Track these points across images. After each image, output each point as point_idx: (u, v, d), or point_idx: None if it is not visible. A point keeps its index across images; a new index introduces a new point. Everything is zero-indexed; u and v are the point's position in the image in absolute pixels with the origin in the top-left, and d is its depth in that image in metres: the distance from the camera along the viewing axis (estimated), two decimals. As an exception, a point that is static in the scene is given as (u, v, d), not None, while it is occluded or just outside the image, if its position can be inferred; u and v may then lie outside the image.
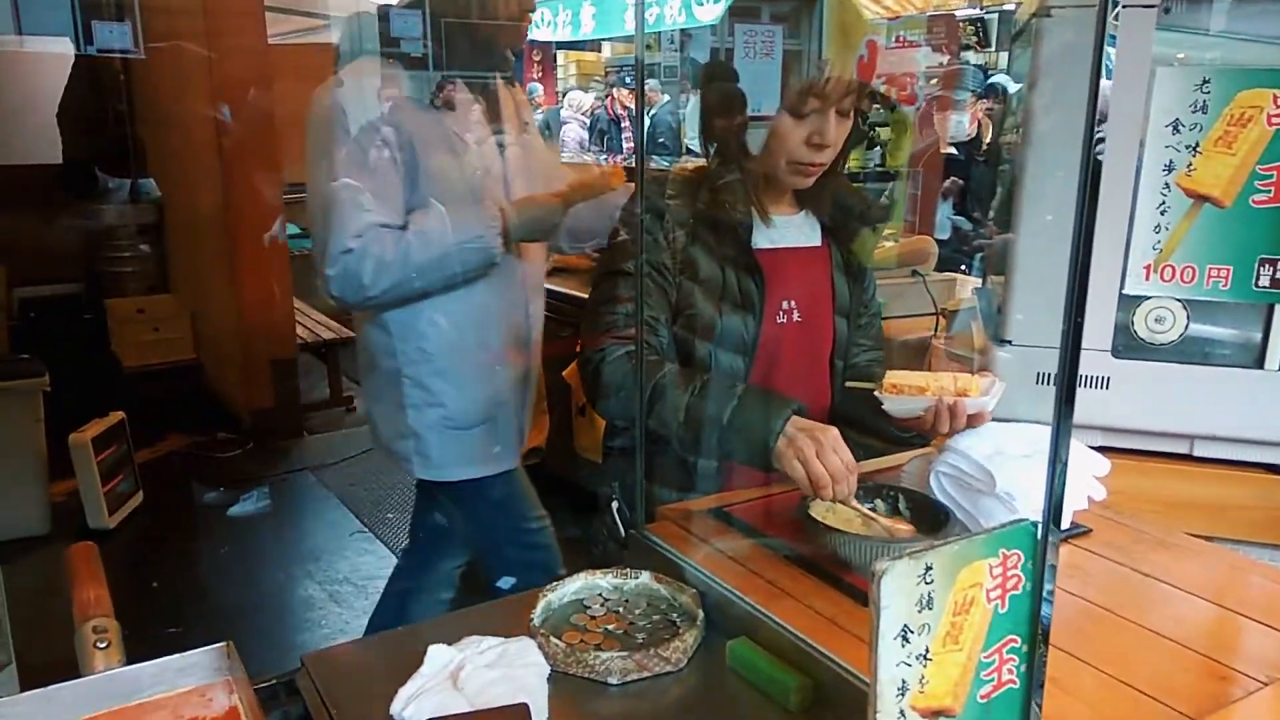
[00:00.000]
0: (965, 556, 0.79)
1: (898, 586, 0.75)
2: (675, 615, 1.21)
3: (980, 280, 2.68)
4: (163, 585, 3.23)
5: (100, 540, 3.50)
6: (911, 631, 0.76)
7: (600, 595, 1.26)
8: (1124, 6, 1.59)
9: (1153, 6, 1.59)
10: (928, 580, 0.76)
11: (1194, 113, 1.63)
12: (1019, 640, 0.83)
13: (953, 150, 5.31)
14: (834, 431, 1.35)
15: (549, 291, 3.57)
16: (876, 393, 1.42)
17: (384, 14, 1.82)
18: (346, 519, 3.77)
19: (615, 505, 1.70)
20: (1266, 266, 1.66)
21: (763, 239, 1.60)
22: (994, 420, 1.40)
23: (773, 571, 1.28)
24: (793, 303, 1.61)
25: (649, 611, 1.23)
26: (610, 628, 1.19)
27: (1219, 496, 1.77)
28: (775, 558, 1.33)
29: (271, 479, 4.17)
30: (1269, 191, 1.62)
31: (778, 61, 1.66)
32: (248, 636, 2.99)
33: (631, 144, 8.97)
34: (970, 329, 2.16)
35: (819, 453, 1.32)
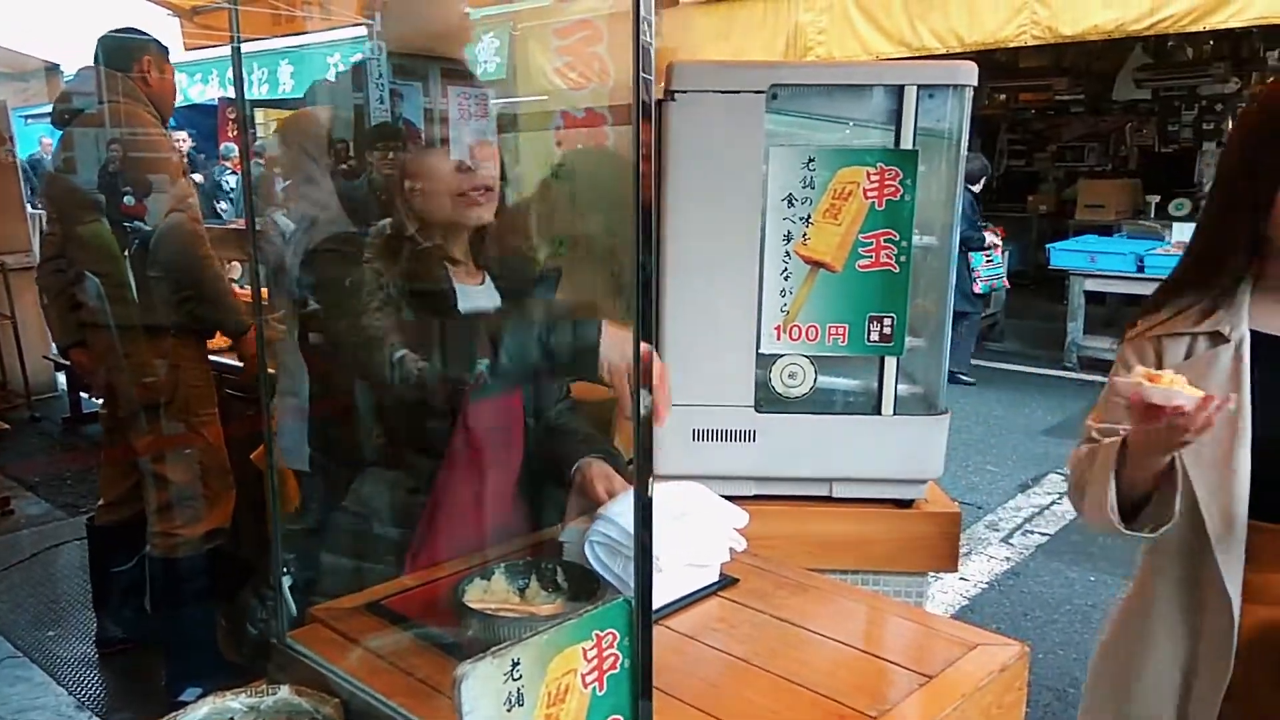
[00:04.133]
0: (556, 644, 0.79)
1: (481, 690, 0.73)
2: (316, 729, 1.14)
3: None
4: None
5: None
6: (501, 733, 0.75)
7: (232, 719, 1.16)
8: (736, 92, 1.74)
9: (761, 93, 1.75)
10: (515, 676, 0.75)
11: (804, 188, 1.81)
12: (622, 719, 0.85)
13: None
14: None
15: (229, 368, 3.34)
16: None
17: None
18: (-5, 643, 3.27)
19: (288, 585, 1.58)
20: (875, 323, 1.87)
21: (465, 301, 1.57)
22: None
23: (427, 667, 1.23)
24: (484, 363, 1.58)
25: (287, 728, 1.14)
26: (241, 754, 1.09)
27: (859, 533, 1.94)
28: (432, 650, 1.28)
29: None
30: (870, 257, 1.84)
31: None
32: None
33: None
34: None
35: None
